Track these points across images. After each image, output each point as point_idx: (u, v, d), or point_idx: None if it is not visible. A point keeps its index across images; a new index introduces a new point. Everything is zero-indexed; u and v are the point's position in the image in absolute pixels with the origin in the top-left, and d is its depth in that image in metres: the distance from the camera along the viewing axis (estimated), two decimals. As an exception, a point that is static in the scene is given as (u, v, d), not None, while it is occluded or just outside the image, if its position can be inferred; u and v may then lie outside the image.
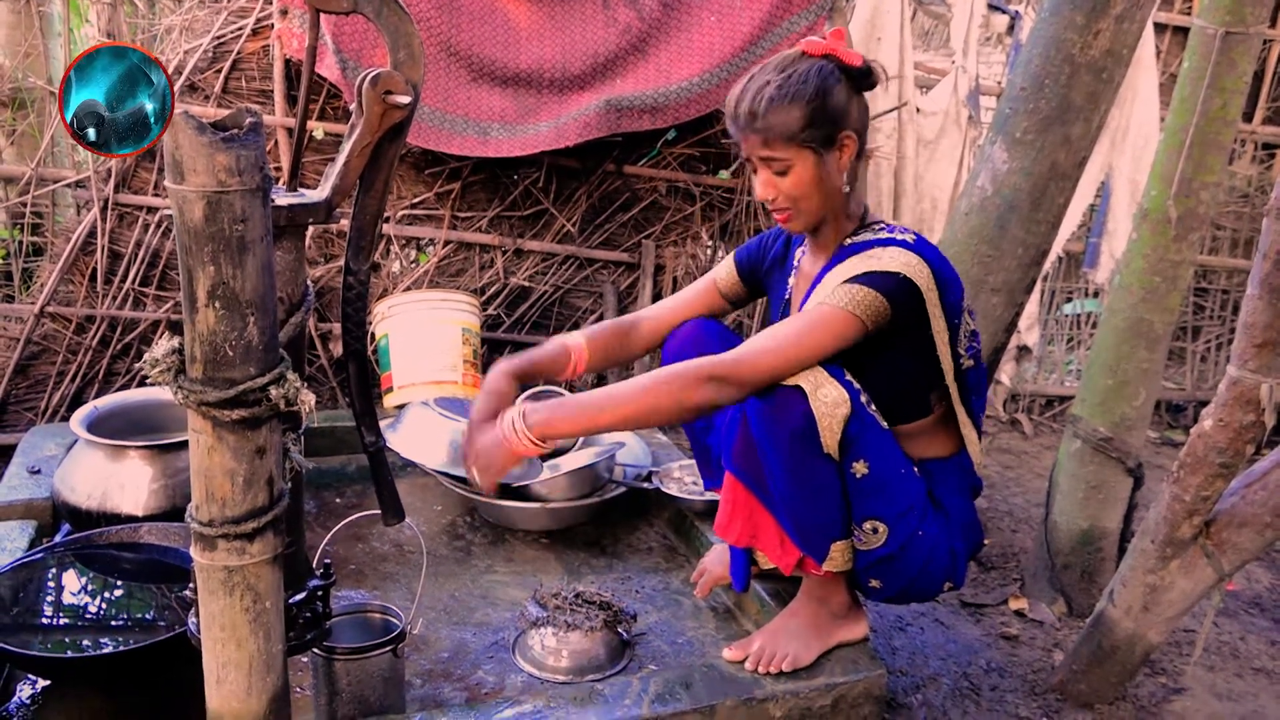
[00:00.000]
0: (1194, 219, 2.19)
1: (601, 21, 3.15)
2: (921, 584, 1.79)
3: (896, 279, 1.64)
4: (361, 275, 1.56)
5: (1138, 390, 2.30)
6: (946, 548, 1.78)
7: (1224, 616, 2.48)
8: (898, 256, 1.66)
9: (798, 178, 1.71)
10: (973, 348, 1.80)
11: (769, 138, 1.68)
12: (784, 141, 1.68)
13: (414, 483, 2.67)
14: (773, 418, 1.64)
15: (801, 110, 1.67)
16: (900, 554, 1.73)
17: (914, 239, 1.72)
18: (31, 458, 2.44)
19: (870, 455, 1.68)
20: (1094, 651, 2.02)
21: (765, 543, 1.82)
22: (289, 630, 1.41)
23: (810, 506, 1.70)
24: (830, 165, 1.72)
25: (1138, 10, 2.24)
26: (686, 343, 1.99)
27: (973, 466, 1.87)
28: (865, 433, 1.67)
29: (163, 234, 3.05)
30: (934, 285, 1.67)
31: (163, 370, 1.23)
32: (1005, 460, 3.48)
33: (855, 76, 1.72)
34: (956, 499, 1.82)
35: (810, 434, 1.63)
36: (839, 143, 1.71)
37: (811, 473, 1.66)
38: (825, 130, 1.68)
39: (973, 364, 1.81)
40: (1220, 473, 1.80)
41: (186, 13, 3.07)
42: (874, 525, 1.72)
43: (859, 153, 1.75)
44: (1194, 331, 4.14)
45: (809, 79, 1.68)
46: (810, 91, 1.67)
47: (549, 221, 3.41)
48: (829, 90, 1.68)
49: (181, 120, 1.12)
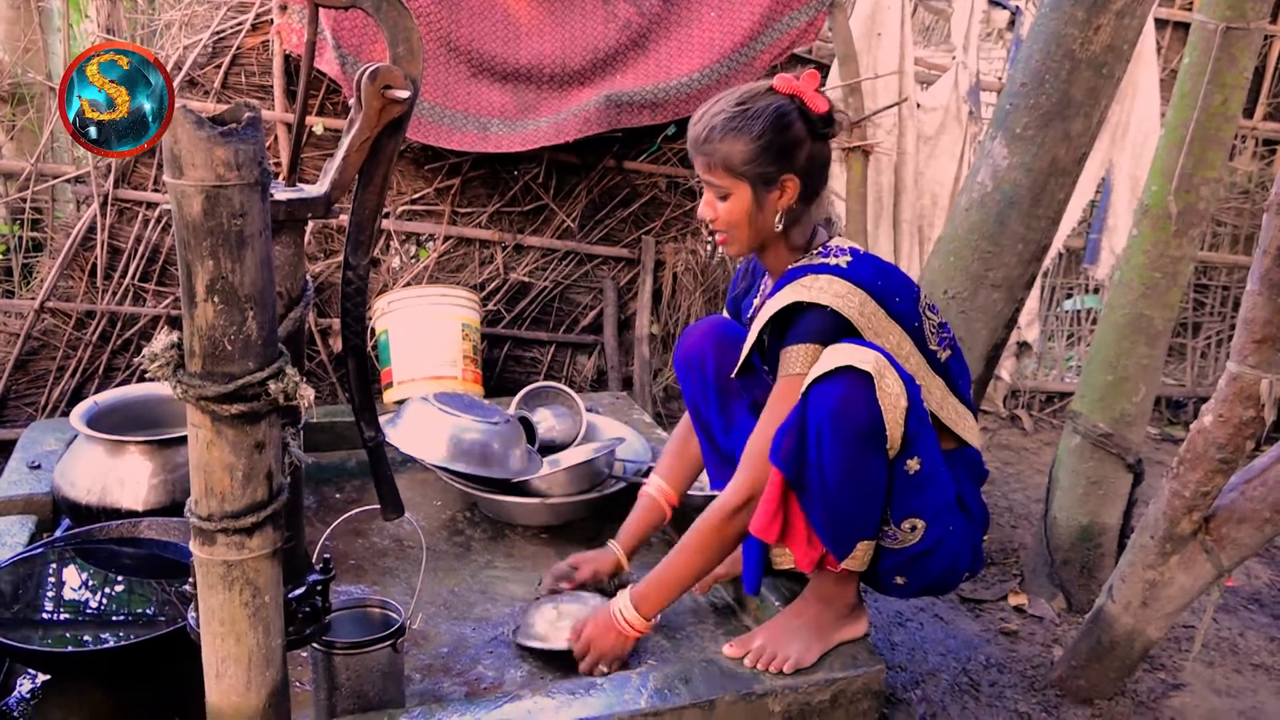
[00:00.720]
0: (1194, 215, 2.19)
1: (601, 17, 3.14)
2: (947, 578, 1.81)
3: (823, 316, 1.69)
4: (361, 270, 1.56)
5: (1138, 386, 2.30)
6: (970, 542, 1.81)
7: (1223, 612, 2.48)
8: (827, 287, 1.70)
9: (732, 207, 1.76)
10: (944, 338, 1.82)
11: (712, 163, 1.74)
12: (724, 170, 1.74)
13: (414, 478, 2.67)
14: (838, 418, 1.62)
15: (747, 144, 1.71)
16: (933, 550, 1.74)
17: (848, 262, 1.75)
18: (31, 453, 2.44)
19: (923, 452, 1.69)
20: (1093, 647, 2.02)
21: (793, 540, 1.78)
22: (288, 625, 1.41)
23: (855, 506, 1.68)
24: (766, 203, 1.76)
25: (1138, 6, 2.24)
26: (704, 340, 2.03)
27: (980, 458, 1.88)
28: (922, 429, 1.68)
29: (162, 229, 3.05)
30: (873, 306, 1.70)
31: (162, 365, 1.23)
32: (1005, 456, 3.48)
33: (815, 122, 1.74)
34: (969, 490, 1.84)
35: (877, 433, 1.62)
36: (779, 184, 1.74)
37: (869, 473, 1.66)
38: (767, 169, 1.72)
39: (950, 353, 1.83)
40: (1220, 468, 1.80)
41: (186, 8, 3.07)
42: (913, 523, 1.71)
43: (806, 195, 1.78)
44: (1194, 327, 4.14)
45: (763, 116, 1.71)
46: (760, 128, 1.71)
47: (549, 217, 3.41)
48: (780, 131, 1.71)
49: (180, 115, 1.12)
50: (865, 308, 1.69)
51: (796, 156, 1.73)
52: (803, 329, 1.70)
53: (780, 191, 1.75)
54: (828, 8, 3.24)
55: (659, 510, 2.15)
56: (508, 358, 3.46)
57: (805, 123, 1.73)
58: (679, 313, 3.49)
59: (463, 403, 2.55)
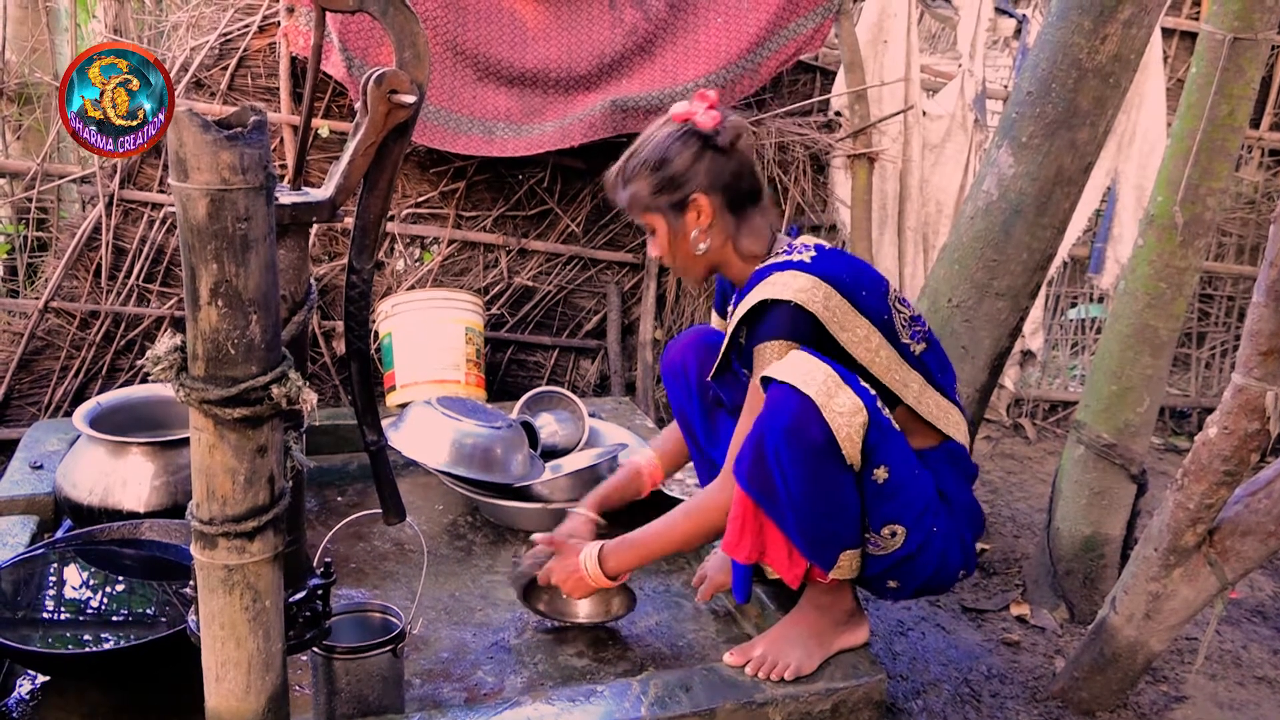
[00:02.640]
0: (1200, 225, 2.19)
1: (608, 22, 3.15)
2: (940, 578, 1.81)
3: (788, 310, 1.69)
4: (365, 274, 1.56)
5: (1142, 396, 2.29)
6: (958, 538, 1.80)
7: (1226, 625, 2.47)
8: (791, 282, 1.70)
9: (660, 240, 1.83)
10: (917, 331, 1.82)
11: (629, 206, 1.83)
12: (639, 209, 1.82)
13: (415, 482, 2.67)
14: (792, 436, 1.62)
15: (647, 180, 1.79)
16: (919, 553, 1.74)
17: (812, 257, 1.76)
18: (34, 453, 2.44)
19: (890, 460, 1.68)
20: (1096, 659, 2.02)
21: (773, 557, 1.79)
22: (288, 629, 1.41)
23: (827, 519, 1.68)
24: (682, 228, 1.80)
25: (1145, 15, 2.23)
26: (687, 349, 2.07)
27: (965, 453, 1.87)
28: (884, 438, 1.67)
29: (167, 230, 3.05)
30: (838, 299, 1.70)
31: (165, 368, 1.23)
32: (1008, 465, 3.47)
33: (707, 137, 1.77)
34: (954, 486, 1.83)
35: (831, 448, 1.62)
36: (689, 205, 1.78)
37: (832, 486, 1.65)
38: (669, 196, 1.78)
39: (925, 346, 1.83)
40: (1224, 481, 1.80)
41: (193, 9, 3.07)
42: (892, 529, 1.71)
43: (733, 204, 1.80)
44: (1199, 338, 4.13)
45: (655, 148, 1.78)
46: (654, 161, 1.78)
47: (553, 221, 3.41)
48: (669, 159, 1.77)
49: (186, 118, 1.12)
50: (830, 301, 1.69)
51: (694, 176, 1.77)
52: (769, 326, 1.71)
53: (696, 212, 1.78)
54: (834, 14, 3.24)
55: (639, 481, 2.17)
56: (510, 362, 3.46)
57: (698, 140, 1.77)
58: (682, 318, 3.49)
59: (465, 407, 2.54)
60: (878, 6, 3.42)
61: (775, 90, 3.49)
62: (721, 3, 3.18)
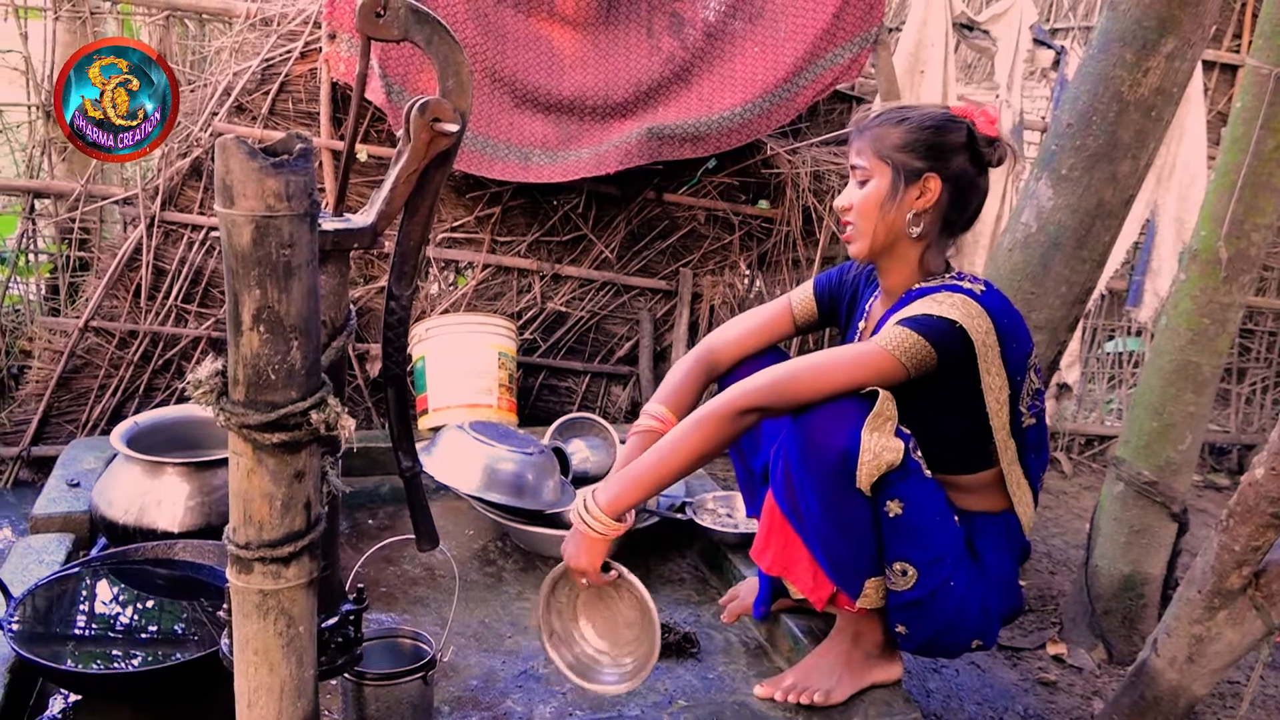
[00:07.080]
0: (1245, 261, 2.15)
1: (645, 50, 3.16)
2: (949, 637, 1.75)
3: (949, 326, 1.62)
4: (404, 300, 1.56)
5: (1184, 434, 2.25)
6: (979, 602, 1.73)
7: (1272, 670, 2.41)
8: (960, 305, 1.64)
9: (869, 194, 1.73)
10: (1035, 406, 1.76)
11: (862, 145, 1.74)
12: (871, 151, 1.73)
13: (446, 506, 2.67)
14: (809, 453, 1.62)
15: (903, 132, 1.71)
16: (929, 600, 1.69)
17: (983, 289, 1.70)
18: (71, 470, 2.46)
19: (906, 498, 1.65)
20: (1135, 702, 1.97)
21: (798, 575, 1.79)
22: (321, 654, 1.40)
23: (843, 540, 1.67)
24: (904, 198, 1.71)
25: (1189, 49, 2.22)
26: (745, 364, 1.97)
27: (1020, 527, 1.81)
28: (906, 478, 1.64)
29: (206, 252, 3.09)
30: (994, 339, 1.64)
31: (206, 392, 1.23)
32: (1044, 500, 3.42)
33: (977, 138, 1.72)
34: (996, 555, 1.77)
35: (845, 471, 1.60)
36: (921, 181, 1.70)
37: (845, 507, 1.64)
38: (913, 162, 1.70)
39: (1034, 422, 1.77)
40: (1272, 522, 1.76)
41: (237, 35, 3.12)
42: (903, 567, 1.68)
43: (948, 214, 1.74)
44: (1239, 373, 4.06)
45: (931, 115, 1.72)
46: (923, 122, 1.71)
47: (587, 247, 3.42)
48: (938, 131, 1.71)
49: (233, 145, 1.12)
50: (989, 338, 1.64)
51: (948, 160, 1.71)
52: (924, 322, 1.63)
53: (920, 191, 1.71)
54: (871, 45, 3.24)
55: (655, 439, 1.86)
56: (542, 387, 3.46)
57: (968, 136, 1.72)
58: (715, 346, 3.48)
59: (497, 432, 2.54)
60: (915, 36, 3.42)
61: (811, 119, 3.49)
62: (759, 32, 3.19)
